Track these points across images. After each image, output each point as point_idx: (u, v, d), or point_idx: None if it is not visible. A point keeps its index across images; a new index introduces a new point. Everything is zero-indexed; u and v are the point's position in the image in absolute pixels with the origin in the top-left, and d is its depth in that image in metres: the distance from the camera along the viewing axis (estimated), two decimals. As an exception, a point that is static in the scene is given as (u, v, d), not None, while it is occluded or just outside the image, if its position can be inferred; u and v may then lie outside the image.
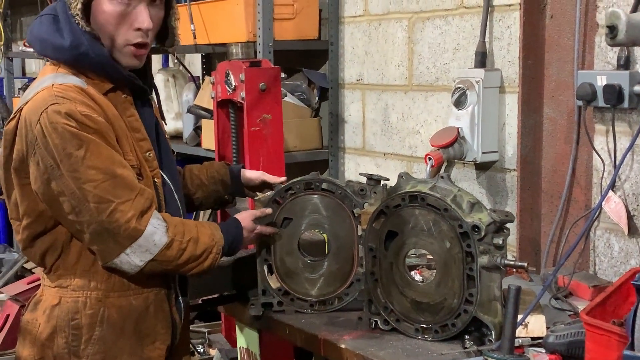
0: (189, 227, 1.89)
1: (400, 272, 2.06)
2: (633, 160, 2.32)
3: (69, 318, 1.87)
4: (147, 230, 1.80)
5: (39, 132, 1.77)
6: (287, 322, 2.21)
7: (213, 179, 2.30)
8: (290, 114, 3.38)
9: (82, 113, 1.77)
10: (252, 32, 3.22)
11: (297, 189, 2.24)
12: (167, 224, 1.84)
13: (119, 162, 1.81)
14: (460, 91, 2.72)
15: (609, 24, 1.75)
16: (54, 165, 1.77)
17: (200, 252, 1.89)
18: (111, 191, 1.77)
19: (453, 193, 1.99)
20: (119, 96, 1.91)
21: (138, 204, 1.80)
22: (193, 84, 3.99)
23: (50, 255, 1.90)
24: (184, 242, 1.86)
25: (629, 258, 2.36)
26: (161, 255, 1.83)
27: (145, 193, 1.82)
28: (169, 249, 1.84)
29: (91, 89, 1.85)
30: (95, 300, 1.88)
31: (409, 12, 3.09)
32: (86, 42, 1.83)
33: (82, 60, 1.85)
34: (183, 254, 1.86)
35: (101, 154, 1.78)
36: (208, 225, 1.95)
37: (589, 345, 1.71)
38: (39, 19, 1.90)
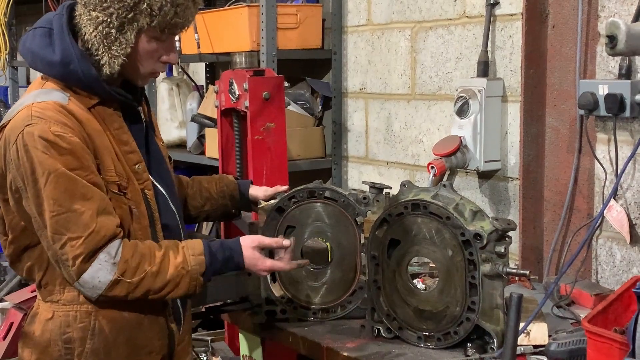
0: (153, 259, 1.84)
1: (403, 280, 2.07)
2: (635, 169, 2.33)
3: (61, 332, 1.88)
4: (92, 268, 1.79)
5: (14, 153, 1.79)
6: (290, 330, 2.22)
7: (222, 193, 2.31)
8: (294, 123, 3.40)
9: (55, 133, 1.77)
10: (255, 42, 3.24)
11: (300, 197, 2.26)
12: (116, 260, 1.80)
13: (81, 195, 1.78)
14: (463, 100, 2.73)
15: (609, 34, 1.76)
16: (23, 187, 1.80)
17: (161, 284, 1.85)
18: (65, 225, 1.77)
19: (455, 201, 2.00)
20: (105, 110, 1.90)
21: (90, 242, 1.77)
22: (197, 92, 4.01)
23: (37, 270, 1.91)
24: (134, 281, 1.82)
25: (631, 266, 2.36)
26: (109, 292, 1.82)
27: (102, 231, 1.79)
28: (115, 288, 1.82)
29: (73, 105, 1.84)
30: (86, 313, 1.88)
31: (412, 21, 3.11)
32: (76, 60, 1.83)
33: (70, 77, 1.85)
34: (137, 288, 1.83)
35: (61, 185, 1.76)
36: (186, 251, 1.89)
37: (591, 353, 1.71)
38: (32, 32, 1.90)
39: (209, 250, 1.91)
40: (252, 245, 1.97)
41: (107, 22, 1.81)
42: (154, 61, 1.90)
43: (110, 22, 1.80)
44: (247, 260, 1.96)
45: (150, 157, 2.00)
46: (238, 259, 1.95)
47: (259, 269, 1.99)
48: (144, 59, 1.88)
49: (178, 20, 1.86)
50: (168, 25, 1.85)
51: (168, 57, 1.91)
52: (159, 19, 1.83)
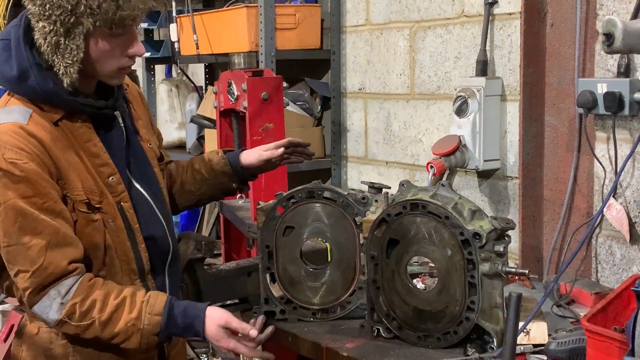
0: (104, 307, 1.81)
1: (402, 280, 2.07)
2: (634, 168, 2.33)
3: (44, 348, 1.88)
4: (42, 303, 1.78)
5: None
6: (290, 330, 2.21)
7: (214, 173, 2.25)
8: (293, 123, 3.40)
9: (9, 160, 1.74)
10: (254, 42, 3.24)
11: (299, 197, 2.25)
12: (65, 301, 1.78)
13: (31, 229, 1.76)
14: (462, 99, 2.73)
15: (606, 32, 1.75)
16: None
17: (109, 335, 1.82)
18: (14, 257, 1.78)
19: (454, 201, 1.99)
20: (73, 123, 1.85)
21: (36, 278, 1.76)
22: (196, 93, 4.02)
23: (15, 289, 1.89)
24: (82, 325, 1.80)
25: (631, 265, 2.36)
26: (58, 329, 1.82)
27: (49, 268, 1.76)
28: (63, 327, 1.81)
29: (34, 124, 1.79)
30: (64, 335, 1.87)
31: (411, 21, 3.10)
32: (32, 75, 1.78)
33: (29, 92, 1.81)
34: (85, 331, 1.81)
35: (10, 218, 1.75)
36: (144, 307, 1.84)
37: (590, 352, 1.71)
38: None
39: (168, 312, 1.85)
40: (219, 323, 1.90)
41: (53, 30, 1.75)
42: (118, 58, 1.83)
43: (56, 30, 1.75)
44: (209, 334, 1.90)
45: (132, 164, 1.95)
46: (198, 328, 1.89)
47: (220, 346, 1.93)
48: (103, 59, 1.81)
49: (123, 13, 1.76)
50: (114, 21, 1.77)
51: (133, 49, 1.84)
52: (102, 17, 1.75)
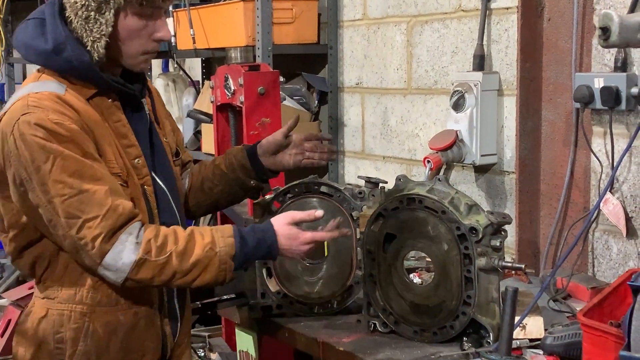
0: (177, 239, 1.79)
1: (399, 275, 2.07)
2: (631, 162, 2.32)
3: (54, 331, 1.85)
4: (115, 249, 1.73)
5: (12, 144, 1.74)
6: (286, 325, 2.22)
7: (232, 166, 2.17)
8: (290, 118, 3.37)
9: (54, 121, 1.73)
10: (251, 37, 3.23)
11: (295, 192, 2.25)
12: (139, 240, 1.75)
13: (90, 175, 1.73)
14: (459, 94, 2.72)
15: (602, 26, 1.75)
16: (27, 178, 1.74)
17: (188, 266, 1.78)
18: (79, 207, 1.72)
19: (450, 195, 1.99)
20: (104, 101, 1.86)
21: (108, 221, 1.72)
22: (193, 88, 4.01)
23: (39, 266, 1.87)
24: (160, 259, 1.76)
25: (628, 259, 2.36)
26: (134, 274, 1.76)
27: (119, 209, 1.74)
28: (141, 268, 1.75)
29: (71, 95, 1.80)
30: (80, 314, 1.84)
31: (408, 15, 3.10)
32: (69, 47, 1.79)
33: (63, 65, 1.81)
34: (163, 270, 1.77)
35: (68, 167, 1.72)
36: (214, 233, 1.83)
37: (586, 347, 1.71)
38: (25, 23, 1.87)
39: (238, 232, 1.84)
40: (286, 222, 1.88)
41: (85, 5, 1.77)
42: (144, 40, 1.84)
43: (88, 5, 1.77)
44: (283, 239, 1.87)
45: (153, 151, 1.96)
46: (271, 239, 1.86)
47: (299, 242, 1.89)
48: (130, 38, 1.82)
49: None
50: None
51: (159, 33, 1.85)
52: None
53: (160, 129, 2.05)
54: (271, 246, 1.87)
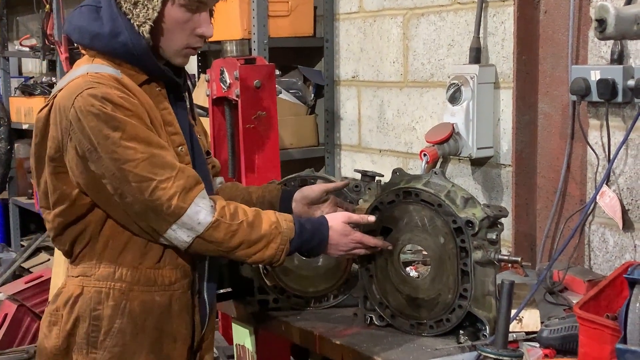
0: (246, 211, 1.85)
1: (395, 268, 2.07)
2: (627, 155, 2.32)
3: (91, 308, 1.86)
4: (191, 209, 1.78)
5: (74, 117, 1.76)
6: (283, 319, 2.21)
7: (262, 200, 2.18)
8: (286, 111, 3.39)
9: (119, 96, 1.77)
10: (247, 30, 3.22)
11: (292, 186, 2.25)
12: (214, 204, 1.82)
13: (157, 142, 1.79)
14: (455, 87, 2.72)
15: (598, 18, 1.75)
16: (91, 149, 1.76)
17: (256, 237, 1.84)
18: (151, 170, 1.76)
19: (447, 189, 1.99)
20: (153, 88, 1.89)
21: (180, 181, 1.77)
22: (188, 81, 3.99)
23: (79, 243, 1.89)
24: (233, 224, 1.82)
25: (624, 252, 2.36)
26: (208, 235, 1.80)
27: (187, 171, 1.80)
28: (215, 230, 1.80)
29: (126, 79, 1.84)
30: (119, 292, 1.86)
31: (404, 8, 3.09)
32: (126, 32, 1.82)
33: (119, 49, 1.83)
34: (234, 236, 1.82)
35: (138, 134, 1.76)
36: (278, 215, 1.90)
37: (582, 339, 1.71)
38: (79, 9, 1.90)
39: (298, 220, 1.91)
40: (342, 220, 1.95)
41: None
42: (187, 34, 1.87)
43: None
44: (335, 234, 1.93)
45: (192, 144, 1.99)
46: (324, 231, 1.92)
47: (349, 239, 1.95)
48: (173, 28, 1.85)
49: None
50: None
51: (202, 29, 1.88)
52: None
53: (196, 126, 2.09)
54: (323, 239, 1.93)
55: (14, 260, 5.02)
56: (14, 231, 5.57)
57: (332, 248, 1.95)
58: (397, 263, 2.07)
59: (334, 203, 2.15)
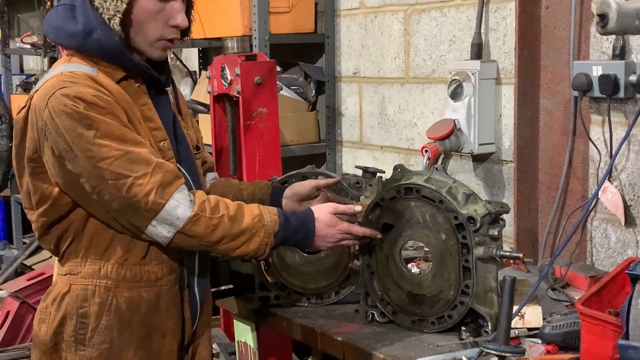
0: (228, 205, 1.84)
1: (396, 265, 2.06)
2: (629, 150, 2.32)
3: (78, 306, 1.86)
4: (169, 204, 1.77)
5: (48, 117, 1.76)
6: (284, 315, 2.21)
7: (252, 196, 2.17)
8: (287, 108, 3.38)
9: (92, 94, 1.77)
10: (248, 26, 3.21)
11: (293, 182, 2.24)
12: (193, 198, 1.81)
13: (132, 139, 1.78)
14: (457, 83, 2.71)
15: (600, 12, 1.74)
16: (67, 148, 1.76)
17: (237, 231, 1.82)
18: (126, 166, 1.75)
19: (448, 185, 1.98)
20: (131, 85, 1.89)
21: (157, 176, 1.76)
22: (190, 78, 3.99)
23: (63, 242, 1.89)
24: (214, 218, 1.80)
25: (626, 248, 2.36)
26: (188, 230, 1.79)
27: (164, 166, 1.79)
28: (195, 224, 1.79)
29: (102, 77, 1.84)
30: (105, 289, 1.86)
31: (405, 4, 3.08)
32: (99, 29, 1.82)
33: (93, 46, 1.83)
34: (215, 230, 1.81)
35: (112, 132, 1.76)
36: (262, 208, 1.88)
37: (585, 335, 1.71)
38: (55, 9, 1.90)
39: (282, 212, 1.89)
40: (329, 211, 1.93)
41: None
42: (160, 25, 1.86)
43: None
44: (322, 225, 1.91)
45: (177, 139, 1.98)
46: (310, 223, 1.90)
47: (336, 230, 1.92)
48: (146, 20, 1.84)
49: None
50: None
51: (176, 20, 1.86)
52: None
53: (182, 121, 2.08)
54: (309, 232, 1.91)
55: (16, 257, 5.02)
56: (16, 228, 5.57)
57: (319, 240, 1.93)
58: (399, 259, 2.06)
59: (324, 199, 2.14)
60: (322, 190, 2.14)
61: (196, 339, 2.03)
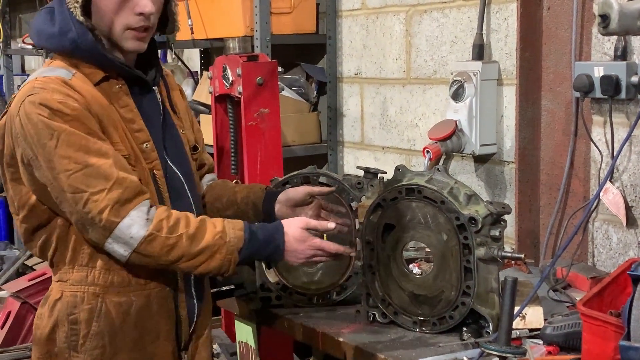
0: (188, 223, 1.80)
1: (398, 265, 2.06)
2: (630, 151, 2.32)
3: (68, 312, 1.87)
4: (123, 222, 1.74)
5: (18, 124, 1.77)
6: (286, 316, 2.21)
7: (246, 200, 2.15)
8: (289, 109, 3.38)
9: (58, 100, 1.75)
10: (249, 27, 3.21)
11: (294, 183, 2.24)
12: (150, 217, 1.76)
13: (96, 150, 1.75)
14: (458, 84, 2.71)
15: (601, 13, 1.74)
16: (33, 157, 1.76)
17: (197, 250, 1.78)
18: (84, 181, 1.73)
19: (450, 185, 1.99)
20: (112, 85, 1.87)
21: (114, 193, 1.73)
22: (191, 79, 3.99)
23: (47, 248, 1.89)
24: (171, 237, 1.76)
25: (628, 249, 2.35)
26: (143, 249, 1.76)
27: (125, 182, 1.75)
28: (150, 244, 1.75)
29: (77, 80, 1.82)
30: (93, 295, 1.86)
31: (407, 5, 3.08)
32: (74, 30, 1.81)
33: (69, 47, 1.83)
34: (172, 249, 1.77)
35: (74, 143, 1.73)
36: (225, 224, 1.83)
37: (586, 336, 1.71)
38: (38, 13, 1.91)
39: (249, 228, 1.85)
40: (300, 225, 1.88)
41: None
42: (125, 14, 1.82)
43: None
44: (292, 240, 1.86)
45: (167, 140, 1.95)
46: (279, 239, 1.86)
47: (306, 246, 1.87)
48: (109, 9, 1.81)
49: None
50: None
51: (139, 6, 1.82)
52: None
53: (177, 119, 2.05)
54: (278, 246, 1.87)
55: (17, 257, 5.02)
56: (18, 229, 5.57)
57: (289, 255, 1.88)
58: (400, 260, 2.06)
59: (318, 206, 2.12)
60: (316, 197, 2.12)
61: (195, 340, 2.02)
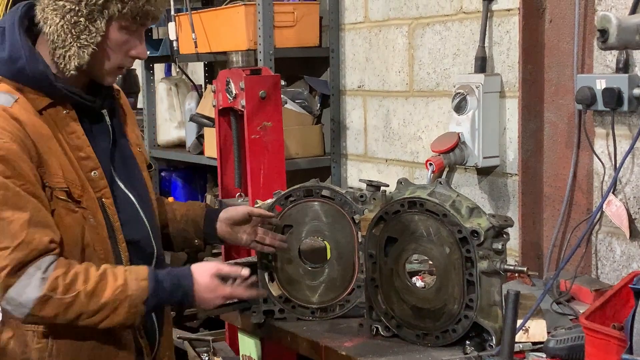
0: (88, 279, 1.74)
1: (401, 278, 2.06)
2: (633, 164, 2.31)
3: (20, 351, 1.83)
4: (19, 283, 1.69)
5: None
6: (289, 329, 2.21)
7: (186, 217, 2.16)
8: (292, 121, 3.39)
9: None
10: (252, 40, 3.23)
11: (297, 196, 2.25)
12: (46, 276, 1.70)
13: (13, 203, 1.69)
14: (461, 96, 2.71)
15: (600, 28, 1.74)
16: None
17: (96, 307, 1.74)
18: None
19: (452, 198, 1.99)
20: (59, 112, 1.82)
21: (18, 254, 1.68)
22: (195, 92, 4.01)
23: None
24: (66, 297, 1.71)
25: (631, 261, 2.35)
26: (37, 311, 1.71)
27: (32, 244, 1.69)
28: (44, 305, 1.71)
29: (19, 107, 1.76)
30: (42, 334, 1.81)
31: (409, 18, 3.09)
32: (24, 57, 1.77)
33: (17, 74, 1.78)
34: (68, 309, 1.72)
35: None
36: (128, 275, 1.78)
37: (589, 350, 1.70)
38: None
39: (154, 276, 1.81)
40: (210, 272, 1.87)
41: (75, 10, 1.74)
42: (123, 55, 1.83)
43: (78, 10, 1.74)
44: (202, 289, 1.85)
45: (117, 163, 1.91)
46: (187, 286, 1.84)
47: (216, 296, 1.88)
48: (113, 50, 1.81)
49: (150, 9, 1.79)
50: (140, 12, 1.78)
51: (137, 51, 1.83)
52: (130, 5, 1.76)
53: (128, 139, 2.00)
54: (187, 293, 1.85)
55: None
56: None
57: (201, 302, 1.87)
58: (403, 273, 2.06)
59: (255, 225, 2.13)
60: (255, 217, 2.13)
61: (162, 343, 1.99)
